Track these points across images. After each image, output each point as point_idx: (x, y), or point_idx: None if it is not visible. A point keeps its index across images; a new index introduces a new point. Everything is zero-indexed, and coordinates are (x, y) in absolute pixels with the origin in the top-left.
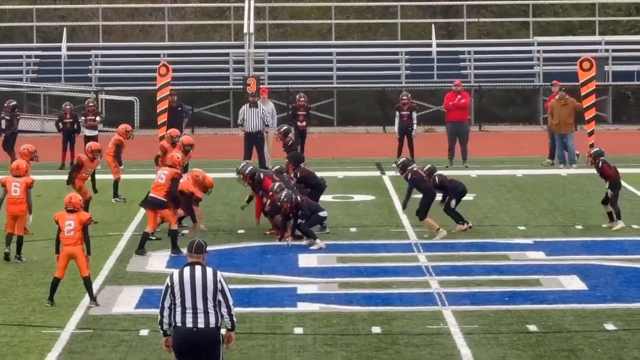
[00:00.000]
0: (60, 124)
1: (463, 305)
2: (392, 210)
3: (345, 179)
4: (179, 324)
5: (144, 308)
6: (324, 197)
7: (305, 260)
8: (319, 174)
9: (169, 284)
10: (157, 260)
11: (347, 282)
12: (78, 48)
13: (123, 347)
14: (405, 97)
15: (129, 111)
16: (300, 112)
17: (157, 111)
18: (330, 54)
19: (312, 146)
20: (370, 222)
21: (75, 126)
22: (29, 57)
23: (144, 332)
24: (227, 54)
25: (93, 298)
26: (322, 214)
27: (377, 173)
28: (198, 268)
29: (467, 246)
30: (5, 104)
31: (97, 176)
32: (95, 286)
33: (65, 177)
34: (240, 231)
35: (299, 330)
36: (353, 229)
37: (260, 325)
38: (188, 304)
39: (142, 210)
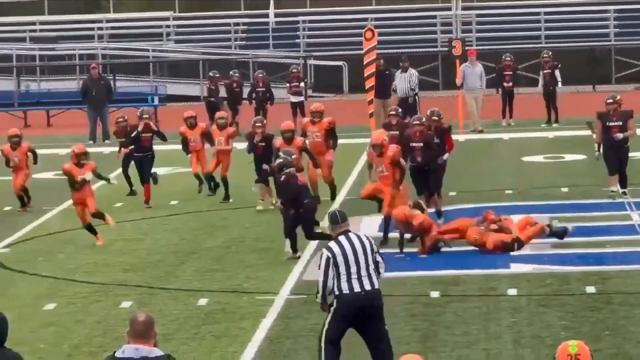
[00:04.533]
0: (253, 93)
1: None
2: (603, 169)
3: (556, 139)
4: (345, 291)
5: None
6: (535, 158)
7: None
8: (527, 135)
9: (330, 256)
10: (369, 225)
11: (560, 243)
12: (285, 14)
13: None
14: (546, 55)
15: (338, 76)
16: (506, 73)
17: (365, 75)
18: (537, 13)
19: (520, 107)
20: (581, 181)
21: (268, 95)
22: (237, 24)
23: None
24: (434, 17)
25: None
26: None
27: (588, 132)
28: (352, 235)
29: None
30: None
31: None
32: (309, 251)
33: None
34: (451, 193)
35: (512, 291)
36: (564, 189)
37: (474, 287)
38: (353, 269)
39: (354, 176)
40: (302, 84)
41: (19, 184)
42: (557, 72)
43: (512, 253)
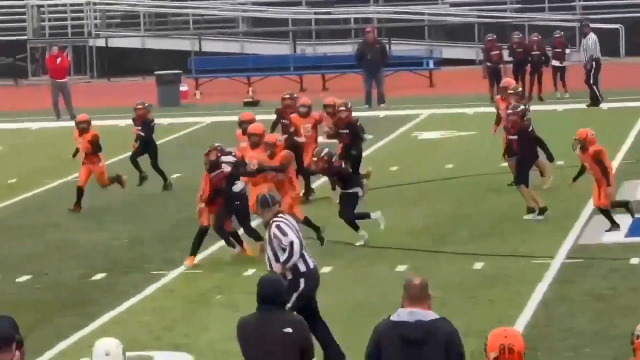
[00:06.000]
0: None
1: None
2: None
3: None
4: (312, 267)
5: (634, 237)
6: None
7: None
8: None
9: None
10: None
11: None
12: None
13: (613, 275)
14: None
15: (614, 39)
16: None
17: None
18: None
19: None
20: None
21: (544, 58)
22: None
23: (634, 261)
24: None
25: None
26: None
27: None
28: (287, 215)
29: None
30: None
31: None
32: (585, 215)
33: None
34: None
35: None
36: None
37: None
38: (302, 246)
39: (631, 139)
40: (567, 51)
41: (83, 177)
42: None
43: None
